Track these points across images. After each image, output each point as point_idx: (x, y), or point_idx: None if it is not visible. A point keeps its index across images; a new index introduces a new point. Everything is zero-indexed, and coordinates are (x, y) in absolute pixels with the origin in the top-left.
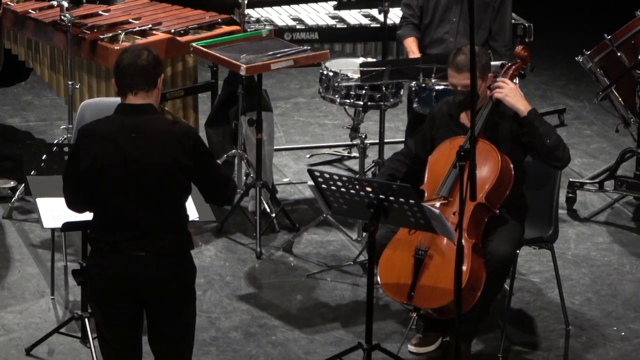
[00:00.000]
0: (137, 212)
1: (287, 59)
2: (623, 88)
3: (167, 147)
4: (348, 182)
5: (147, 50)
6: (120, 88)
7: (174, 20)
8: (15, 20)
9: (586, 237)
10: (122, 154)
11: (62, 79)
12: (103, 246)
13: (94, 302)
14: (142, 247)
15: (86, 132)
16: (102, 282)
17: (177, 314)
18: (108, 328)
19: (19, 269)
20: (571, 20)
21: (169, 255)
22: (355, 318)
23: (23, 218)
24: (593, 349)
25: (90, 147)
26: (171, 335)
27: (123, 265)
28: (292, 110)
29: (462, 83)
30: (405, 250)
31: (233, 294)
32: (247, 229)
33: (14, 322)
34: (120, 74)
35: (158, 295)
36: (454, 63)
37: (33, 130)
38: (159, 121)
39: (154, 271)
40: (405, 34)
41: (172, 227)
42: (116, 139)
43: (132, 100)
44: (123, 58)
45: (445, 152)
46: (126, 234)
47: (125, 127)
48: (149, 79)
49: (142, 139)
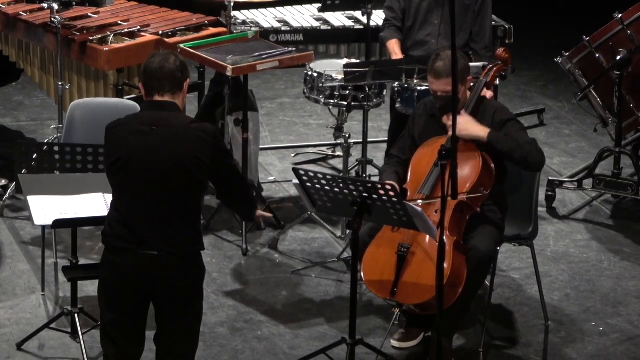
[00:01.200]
0: (152, 209)
1: (273, 60)
2: (601, 89)
3: (185, 141)
4: (332, 180)
5: (175, 55)
6: (147, 90)
7: (162, 22)
8: (7, 22)
9: (565, 234)
10: (141, 146)
11: (52, 80)
12: (118, 244)
13: (104, 298)
14: (156, 246)
15: (111, 126)
16: (115, 280)
17: (186, 312)
18: (115, 324)
19: (10, 266)
20: (550, 22)
21: (181, 255)
22: (339, 314)
23: (14, 216)
24: (572, 343)
25: (113, 141)
26: (178, 332)
27: (137, 263)
28: (277, 110)
29: (442, 89)
30: (388, 247)
31: (219, 290)
32: (233, 226)
33: (5, 317)
34: (148, 77)
35: (169, 294)
36: (432, 70)
37: (24, 130)
38: (178, 117)
39: (166, 270)
40: (388, 36)
41: (186, 227)
42: (137, 132)
43: (157, 99)
44: (152, 62)
45: (427, 151)
46: (141, 232)
47: (146, 120)
48: (175, 82)
49: (162, 132)
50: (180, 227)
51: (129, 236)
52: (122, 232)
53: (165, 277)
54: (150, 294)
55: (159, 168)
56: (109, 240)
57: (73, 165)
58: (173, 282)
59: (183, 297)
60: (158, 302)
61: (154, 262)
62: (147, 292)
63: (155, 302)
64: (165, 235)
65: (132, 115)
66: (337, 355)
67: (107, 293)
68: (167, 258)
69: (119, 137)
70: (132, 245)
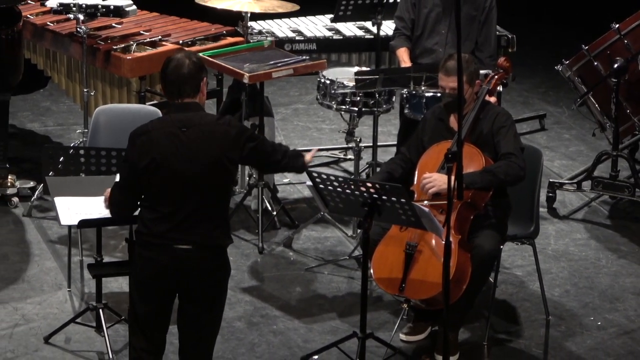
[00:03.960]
0: (185, 204)
1: (287, 68)
2: (599, 95)
3: (215, 139)
4: (344, 182)
5: (189, 58)
6: (168, 94)
7: (182, 32)
8: (35, 32)
9: (565, 233)
10: (174, 148)
11: (78, 87)
12: (152, 239)
13: (137, 293)
14: (189, 240)
15: (139, 132)
16: (150, 275)
17: (211, 304)
18: (149, 317)
19: (38, 263)
20: (551, 32)
21: (213, 247)
22: (351, 309)
23: (42, 216)
24: (571, 337)
25: (145, 146)
26: (206, 324)
27: (170, 257)
28: (291, 115)
29: (450, 85)
30: (396, 246)
31: (237, 286)
32: (250, 226)
33: (33, 312)
34: (166, 82)
35: (202, 286)
36: (444, 67)
37: (51, 134)
38: (205, 116)
39: (200, 263)
40: (397, 44)
41: (217, 220)
42: (168, 135)
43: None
44: (168, 67)
45: (433, 155)
46: (174, 226)
47: (175, 122)
48: (193, 85)
49: (192, 132)
50: (213, 221)
51: (165, 232)
52: (157, 229)
53: (200, 270)
54: (181, 287)
55: (193, 167)
56: (145, 237)
57: (97, 168)
58: (206, 275)
59: (214, 290)
60: (189, 295)
61: (189, 255)
62: (178, 285)
63: (183, 295)
64: (199, 230)
65: (160, 119)
66: (349, 348)
67: (141, 287)
68: (201, 252)
69: (151, 140)
70: (168, 241)
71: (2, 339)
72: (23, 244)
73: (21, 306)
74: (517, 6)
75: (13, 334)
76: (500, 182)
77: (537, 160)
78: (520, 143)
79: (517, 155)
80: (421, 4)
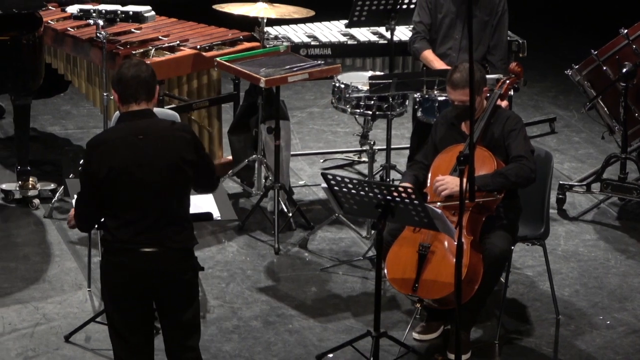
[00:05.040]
0: (149, 209)
1: (303, 73)
2: (608, 99)
3: (172, 144)
4: (358, 184)
5: (145, 64)
6: (123, 99)
7: (200, 37)
8: (55, 37)
9: (575, 234)
10: (133, 156)
11: (97, 91)
12: (118, 245)
13: (109, 299)
14: (155, 243)
15: (96, 143)
16: (118, 279)
17: (185, 305)
18: (125, 323)
19: (58, 264)
20: (561, 37)
21: (180, 249)
22: (365, 308)
23: (62, 217)
24: (581, 336)
25: (104, 156)
26: (184, 325)
27: (138, 261)
28: (307, 119)
29: (458, 98)
30: (410, 246)
31: (253, 286)
32: (266, 227)
33: (54, 311)
34: (124, 87)
35: (171, 287)
36: (450, 80)
37: (71, 138)
38: (159, 122)
39: (167, 264)
40: (422, 46)
41: (181, 221)
42: (126, 144)
43: (134, 109)
44: (125, 72)
45: (446, 158)
46: (139, 232)
47: (131, 131)
48: (150, 90)
49: (149, 140)
50: (177, 225)
51: (130, 238)
52: (122, 235)
53: (167, 272)
54: (152, 290)
55: (153, 173)
56: (110, 244)
57: None
58: (174, 277)
59: (185, 291)
60: (160, 297)
61: (155, 258)
62: (149, 288)
63: (158, 298)
64: (164, 234)
65: (115, 129)
66: (363, 347)
67: (111, 293)
68: (167, 254)
69: (109, 150)
70: (133, 245)
71: (23, 338)
72: (44, 245)
73: (42, 306)
74: (528, 12)
75: (34, 333)
76: (512, 184)
77: (548, 162)
78: (531, 146)
79: (528, 157)
80: (436, 9)
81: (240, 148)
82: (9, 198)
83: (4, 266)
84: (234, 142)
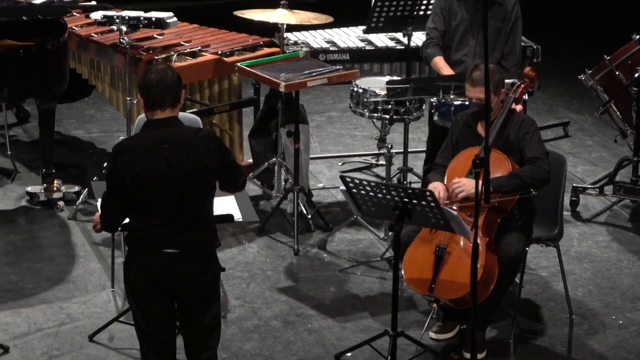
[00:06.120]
0: (172, 214)
1: (322, 77)
2: (621, 103)
3: (195, 152)
4: (376, 186)
5: (171, 70)
6: (148, 105)
7: (221, 42)
8: (80, 42)
9: (588, 236)
10: (157, 165)
11: (121, 95)
12: (141, 246)
13: (133, 298)
14: (177, 245)
15: (121, 150)
16: (141, 279)
17: (205, 307)
18: (148, 322)
19: (82, 265)
20: (575, 42)
21: (201, 251)
22: (382, 308)
23: (86, 219)
24: (594, 335)
25: (128, 163)
26: (205, 326)
27: (160, 262)
28: (326, 122)
29: (476, 96)
30: (426, 247)
31: (273, 286)
32: (286, 228)
33: (78, 311)
34: (149, 93)
35: (192, 288)
36: (470, 78)
37: (95, 141)
38: (184, 130)
39: (188, 266)
40: (434, 52)
41: (203, 225)
42: (150, 152)
43: (160, 116)
44: (151, 78)
45: (462, 160)
46: (163, 234)
47: (155, 139)
48: (175, 96)
49: (173, 148)
50: (200, 228)
51: (152, 239)
52: (145, 236)
53: (188, 273)
54: (174, 290)
55: (176, 181)
56: (133, 244)
57: None
58: (195, 278)
59: (205, 293)
60: (182, 298)
61: (177, 259)
62: (171, 289)
63: (179, 299)
64: (187, 237)
65: (139, 137)
66: (381, 346)
67: (134, 292)
68: (189, 255)
69: (132, 159)
70: (156, 246)
71: (48, 337)
72: (68, 246)
73: (67, 306)
74: (542, 18)
75: (59, 332)
76: (527, 185)
77: (561, 165)
78: (545, 148)
79: (542, 159)
80: (450, 16)
81: (261, 151)
82: (34, 200)
83: (30, 267)
84: (255, 145)
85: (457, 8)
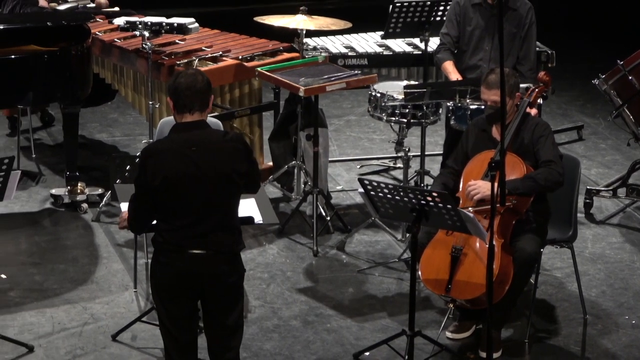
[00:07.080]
0: (200, 216)
1: (340, 82)
2: (634, 107)
3: (224, 155)
4: (394, 189)
5: (201, 74)
6: (178, 108)
7: (242, 48)
8: (103, 48)
9: (601, 237)
10: (186, 167)
11: (143, 99)
12: (168, 247)
13: (158, 297)
14: (204, 246)
15: (150, 153)
16: (167, 279)
17: (229, 308)
18: (172, 322)
19: (106, 266)
20: (588, 48)
21: (227, 252)
22: (400, 308)
23: (109, 221)
24: (607, 335)
25: (157, 166)
26: (228, 326)
27: (185, 262)
28: (344, 126)
29: (492, 99)
30: (443, 249)
31: (293, 287)
32: (305, 230)
33: (101, 311)
34: (178, 96)
35: (217, 289)
36: (485, 81)
37: (118, 144)
38: (212, 134)
39: (213, 267)
40: (444, 57)
41: (230, 227)
42: (179, 155)
43: (188, 119)
44: (181, 82)
45: (477, 163)
46: (189, 236)
47: (184, 142)
48: (204, 100)
49: (202, 150)
50: (226, 230)
51: (179, 240)
52: (172, 237)
53: (213, 274)
54: (199, 291)
55: (204, 184)
56: (160, 245)
57: None
58: (220, 279)
59: (230, 294)
60: (206, 298)
61: (203, 260)
62: (196, 289)
63: (203, 299)
64: (213, 238)
65: (169, 139)
66: (398, 346)
67: (160, 292)
68: (214, 257)
69: (162, 162)
70: (183, 247)
71: (72, 337)
72: (92, 248)
73: (90, 306)
74: (556, 24)
75: (83, 332)
76: (541, 188)
77: (575, 168)
78: (559, 151)
79: (556, 162)
80: (465, 22)
81: (280, 154)
82: (59, 202)
83: (54, 268)
84: (274, 148)
85: (472, 14)
